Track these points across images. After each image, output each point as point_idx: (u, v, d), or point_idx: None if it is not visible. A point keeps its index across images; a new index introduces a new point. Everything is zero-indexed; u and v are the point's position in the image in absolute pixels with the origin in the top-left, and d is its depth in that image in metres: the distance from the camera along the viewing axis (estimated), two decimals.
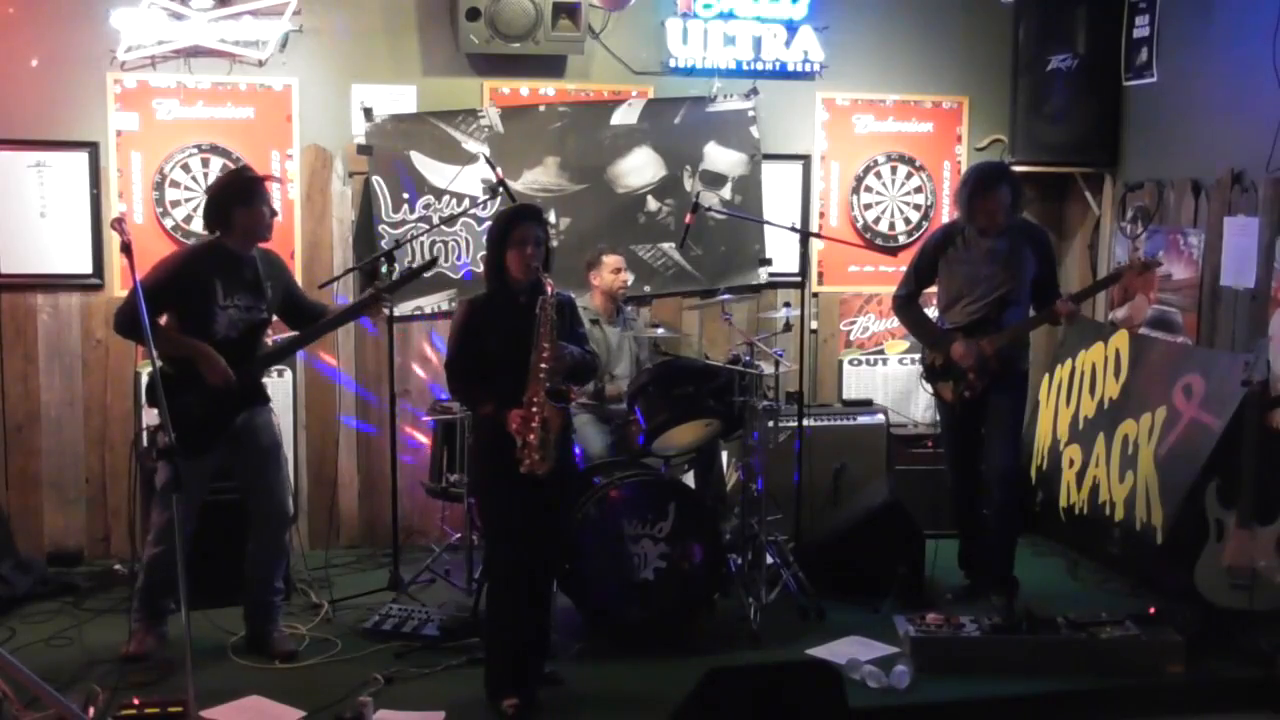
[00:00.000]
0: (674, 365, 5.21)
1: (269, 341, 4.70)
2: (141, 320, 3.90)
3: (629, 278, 5.74)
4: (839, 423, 6.09)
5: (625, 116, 6.06)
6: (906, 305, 5.40)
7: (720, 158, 6.21)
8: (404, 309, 5.82)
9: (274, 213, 4.56)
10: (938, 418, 5.68)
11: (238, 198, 4.42)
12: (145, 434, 4.47)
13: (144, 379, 5.41)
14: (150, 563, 4.50)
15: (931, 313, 5.43)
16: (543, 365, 4.01)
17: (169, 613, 4.57)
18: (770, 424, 5.35)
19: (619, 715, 4.26)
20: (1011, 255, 5.11)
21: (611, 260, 5.64)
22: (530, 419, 3.99)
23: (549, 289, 4.05)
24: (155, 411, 4.06)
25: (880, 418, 6.15)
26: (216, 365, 4.33)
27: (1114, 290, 6.13)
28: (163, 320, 4.36)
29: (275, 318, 4.64)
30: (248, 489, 4.63)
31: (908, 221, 6.48)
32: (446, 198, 5.89)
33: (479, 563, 5.07)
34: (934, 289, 5.39)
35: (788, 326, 5.56)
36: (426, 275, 5.13)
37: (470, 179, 5.87)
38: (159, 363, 3.94)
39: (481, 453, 4.25)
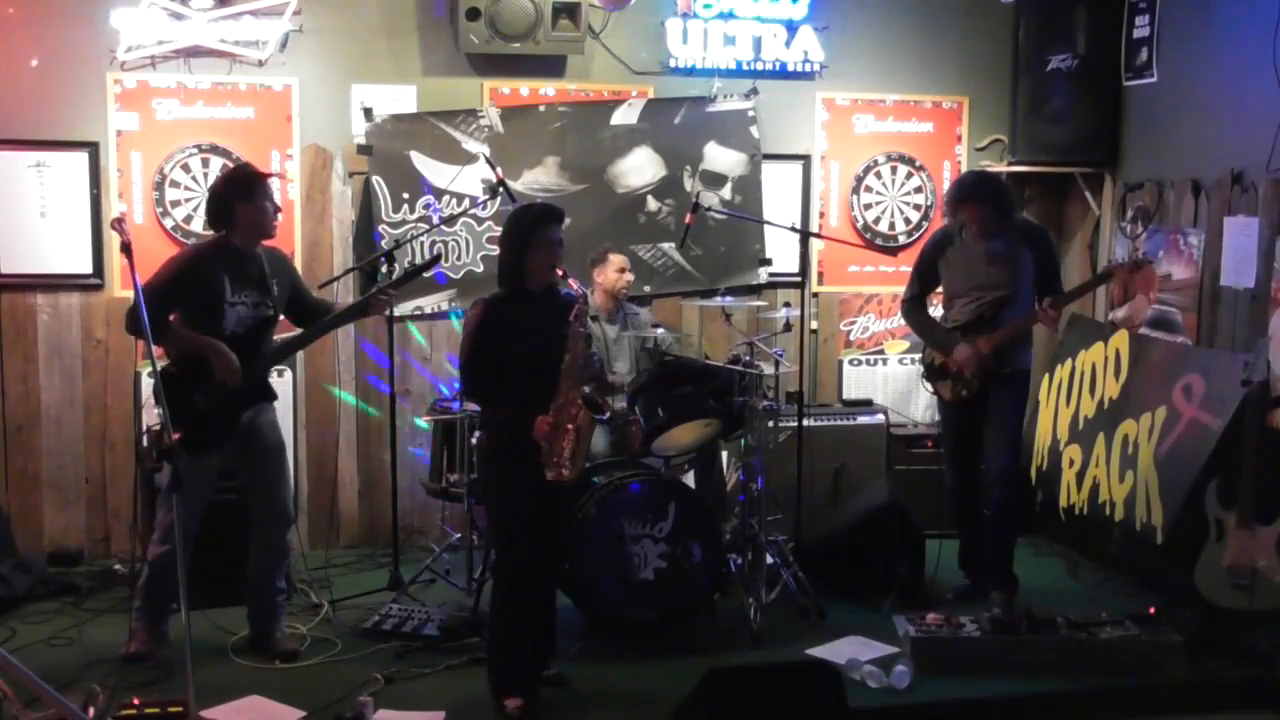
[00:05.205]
0: (674, 365, 5.21)
1: (275, 339, 4.70)
2: (142, 319, 3.89)
3: (632, 277, 5.75)
4: (839, 423, 6.09)
5: (625, 116, 6.06)
6: (912, 308, 5.41)
7: (720, 158, 6.20)
8: (404, 309, 5.82)
9: (277, 208, 4.57)
10: (937, 417, 5.69)
11: (239, 193, 4.42)
12: (147, 435, 4.46)
13: (144, 379, 5.42)
14: (154, 561, 4.50)
15: (939, 310, 5.44)
16: (575, 374, 4.01)
17: (170, 612, 4.57)
18: (770, 424, 5.35)
19: (619, 715, 4.25)
20: (1009, 256, 5.11)
21: (617, 259, 5.64)
22: (562, 426, 3.99)
23: (577, 291, 4.09)
24: (158, 412, 4.02)
25: (880, 418, 6.16)
26: (229, 362, 4.33)
27: (1114, 290, 6.13)
28: (172, 318, 4.36)
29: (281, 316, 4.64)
30: (250, 488, 4.62)
31: (908, 221, 6.48)
32: (446, 198, 5.90)
33: (479, 563, 5.08)
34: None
35: (788, 326, 5.55)
36: (426, 275, 5.14)
37: (470, 179, 5.87)
38: (161, 362, 3.93)
39: (496, 454, 4.19)
